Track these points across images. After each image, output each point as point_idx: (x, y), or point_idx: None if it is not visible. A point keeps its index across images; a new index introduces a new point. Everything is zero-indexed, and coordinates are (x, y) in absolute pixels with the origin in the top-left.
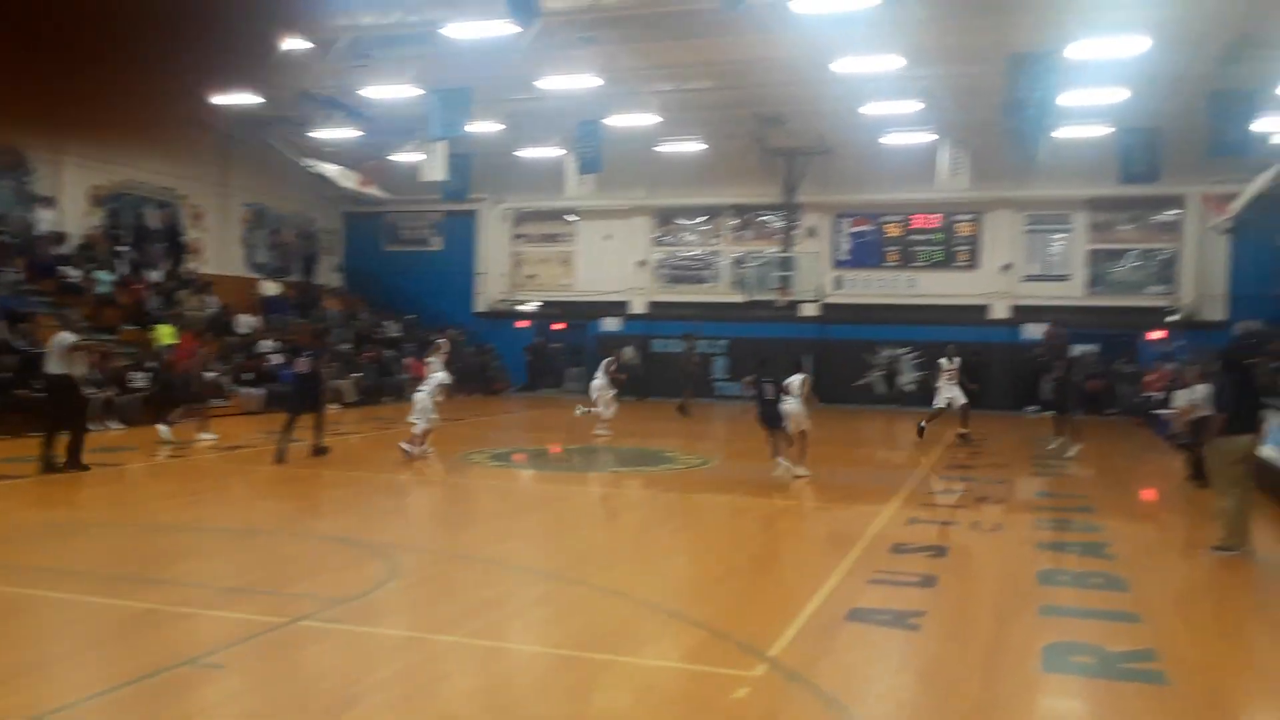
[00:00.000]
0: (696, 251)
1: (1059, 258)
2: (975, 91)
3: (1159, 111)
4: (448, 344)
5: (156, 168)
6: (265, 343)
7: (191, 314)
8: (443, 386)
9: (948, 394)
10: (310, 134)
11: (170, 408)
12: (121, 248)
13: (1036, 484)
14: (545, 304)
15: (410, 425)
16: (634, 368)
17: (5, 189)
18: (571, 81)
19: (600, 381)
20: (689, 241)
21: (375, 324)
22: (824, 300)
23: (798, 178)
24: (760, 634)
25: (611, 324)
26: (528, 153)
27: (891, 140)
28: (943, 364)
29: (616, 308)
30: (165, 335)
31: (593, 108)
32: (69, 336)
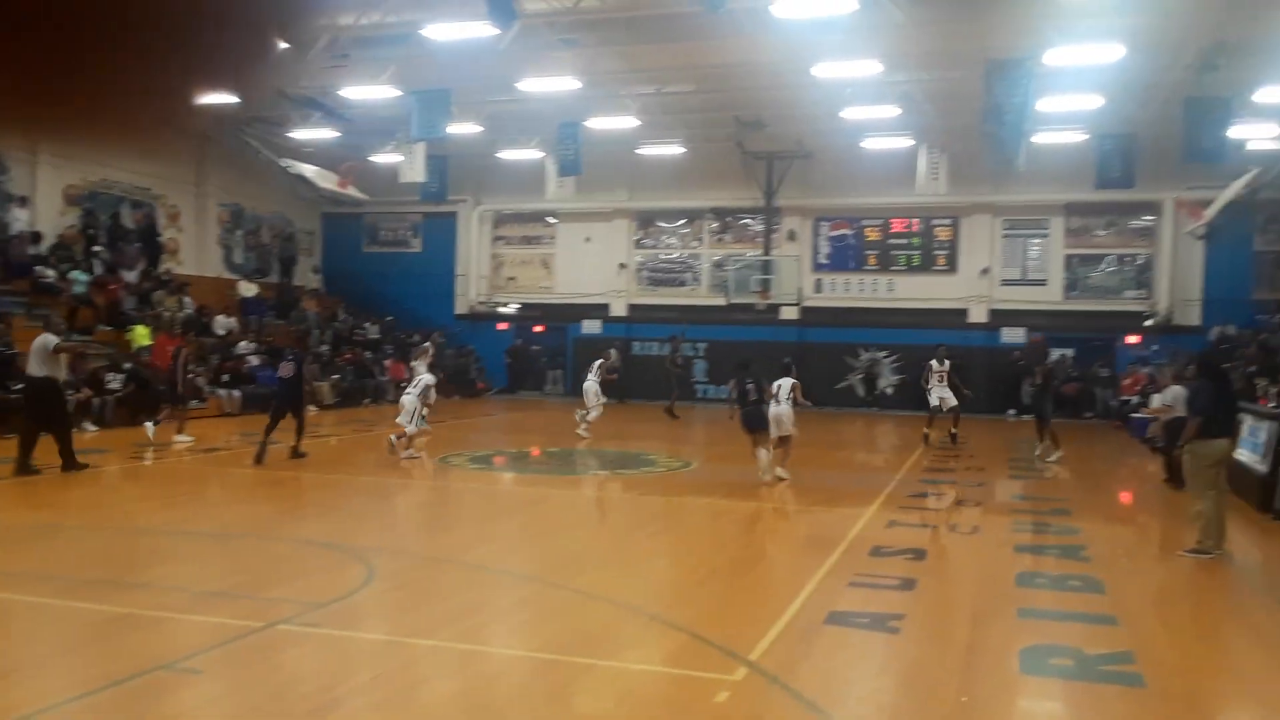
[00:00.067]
0: (676, 254)
1: (1036, 262)
2: (953, 97)
3: (1135, 118)
4: (432, 347)
5: (132, 167)
6: (243, 344)
7: (168, 315)
8: (429, 388)
9: (939, 395)
10: (288, 134)
11: (153, 408)
12: (97, 248)
13: (1015, 487)
14: (525, 306)
15: (403, 428)
16: (616, 370)
17: None
18: (551, 83)
19: (592, 384)
20: (669, 244)
21: (354, 326)
22: (804, 303)
23: (777, 181)
24: (741, 637)
25: (592, 326)
26: (507, 154)
27: (870, 144)
28: (933, 366)
29: (597, 310)
30: (141, 336)
31: (573, 110)
32: (51, 338)
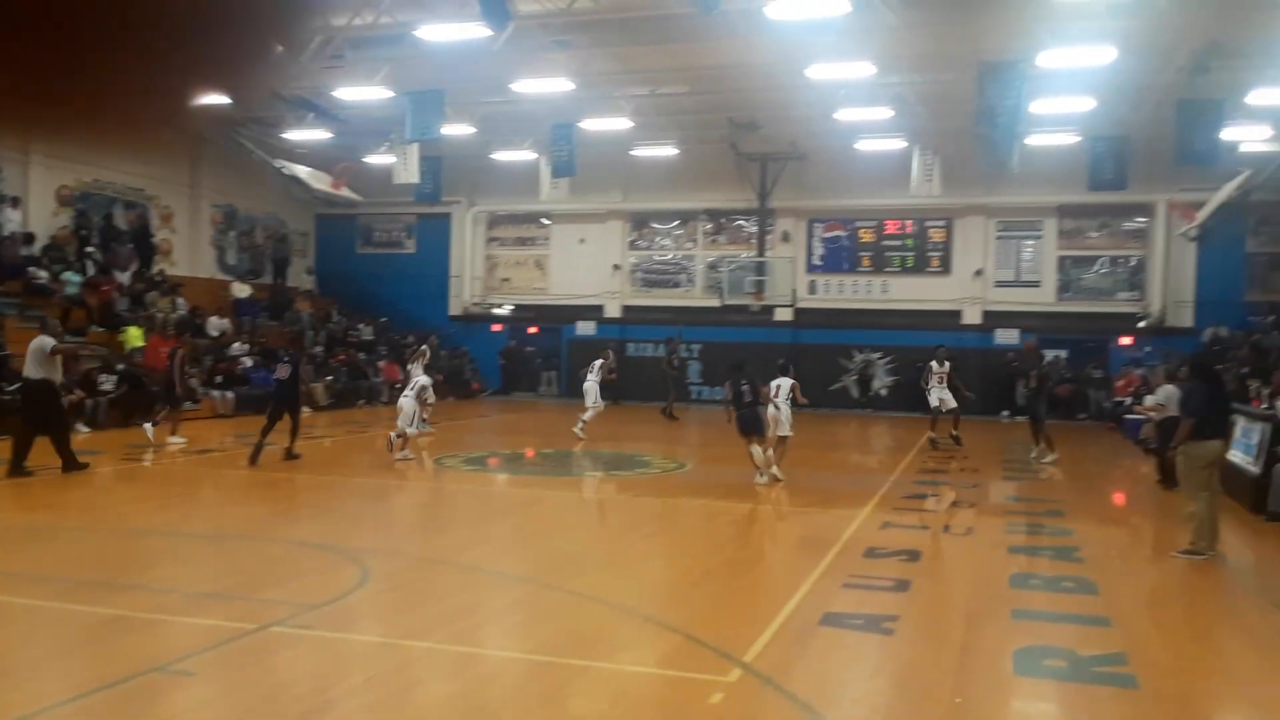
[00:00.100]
0: (670, 256)
1: (1030, 264)
2: (946, 99)
3: (1127, 120)
4: (429, 350)
5: (125, 168)
6: (236, 346)
7: (161, 316)
8: (424, 388)
9: (939, 396)
10: (282, 135)
11: (146, 409)
12: (90, 248)
13: (1009, 488)
14: (519, 308)
15: (404, 430)
16: (614, 371)
17: None
18: (545, 85)
19: (593, 384)
20: (663, 245)
21: (348, 327)
22: (798, 305)
23: (771, 183)
24: (735, 639)
25: (586, 328)
26: (501, 156)
27: (864, 146)
28: (933, 367)
29: (591, 311)
30: (134, 337)
31: (566, 111)
32: (49, 341)
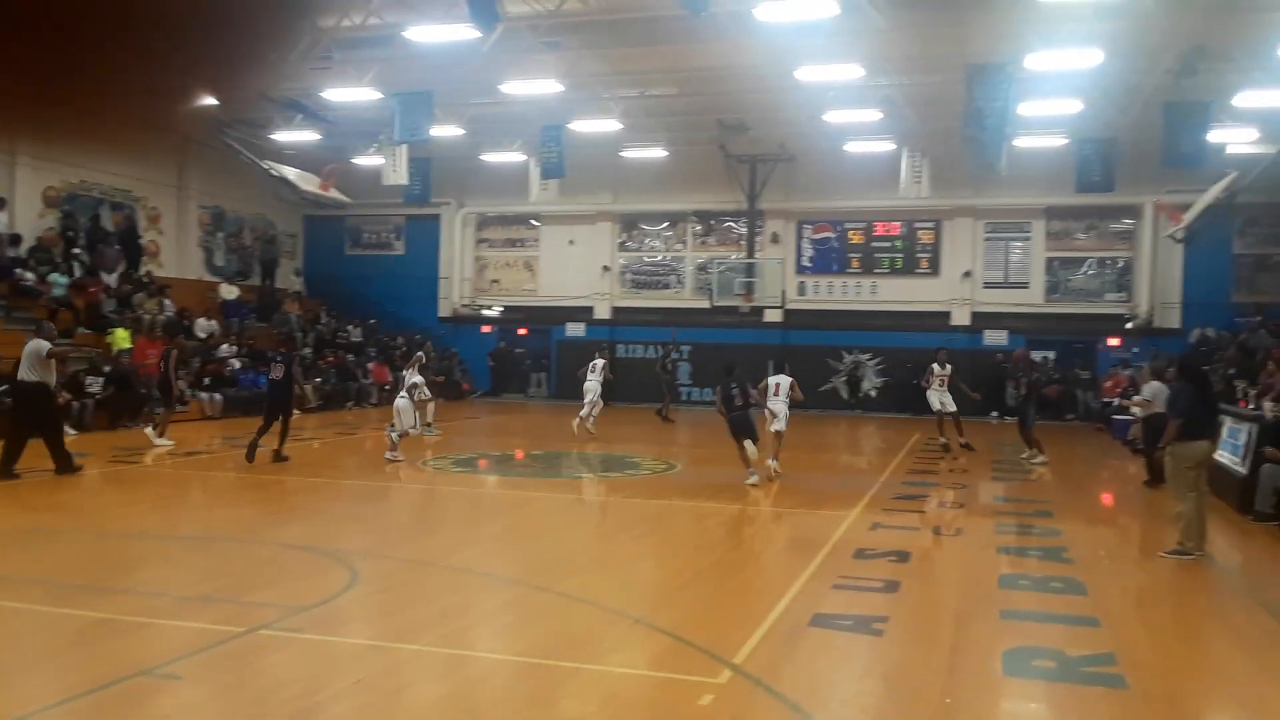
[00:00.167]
0: (660, 257)
1: (1018, 265)
2: (935, 101)
3: (1115, 122)
4: (424, 355)
5: (112, 169)
6: (224, 347)
7: (148, 317)
8: (414, 386)
9: (939, 399)
10: (270, 136)
11: (134, 411)
12: (76, 250)
13: (997, 489)
14: (509, 309)
15: (407, 430)
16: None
17: None
18: (534, 86)
19: (593, 383)
20: (652, 247)
21: (337, 329)
22: (787, 306)
23: (760, 184)
24: (725, 640)
25: (576, 329)
26: (491, 157)
27: (853, 148)
28: (934, 369)
29: (581, 313)
30: (121, 339)
31: (556, 113)
32: (44, 344)
